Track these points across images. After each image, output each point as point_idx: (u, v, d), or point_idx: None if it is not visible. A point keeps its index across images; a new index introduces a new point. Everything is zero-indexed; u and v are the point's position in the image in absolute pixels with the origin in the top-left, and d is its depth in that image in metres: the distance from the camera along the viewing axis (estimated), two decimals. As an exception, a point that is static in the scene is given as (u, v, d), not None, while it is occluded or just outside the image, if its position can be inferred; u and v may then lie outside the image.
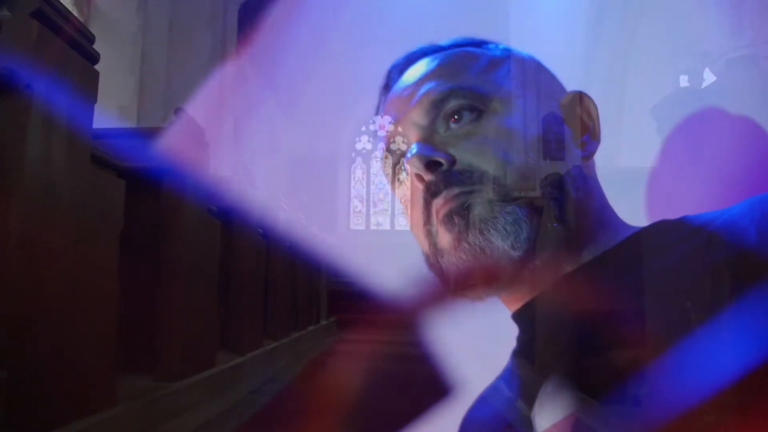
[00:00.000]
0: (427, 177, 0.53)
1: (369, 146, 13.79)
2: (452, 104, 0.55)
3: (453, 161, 0.53)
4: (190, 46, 8.64)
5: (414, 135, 0.56)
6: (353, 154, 13.96)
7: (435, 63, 0.59)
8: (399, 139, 0.59)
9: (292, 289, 4.73)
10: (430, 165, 0.53)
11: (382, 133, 0.62)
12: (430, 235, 0.55)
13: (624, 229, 0.55)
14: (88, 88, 1.70)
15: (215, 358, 2.79)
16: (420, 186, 0.54)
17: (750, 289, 0.41)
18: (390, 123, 0.61)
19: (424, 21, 10.85)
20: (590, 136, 0.58)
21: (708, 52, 9.34)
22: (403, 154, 0.57)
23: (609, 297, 0.48)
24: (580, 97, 0.59)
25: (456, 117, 0.55)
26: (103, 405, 1.69)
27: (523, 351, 0.56)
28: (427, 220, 0.55)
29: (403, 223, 14.11)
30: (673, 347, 0.41)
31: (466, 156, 0.53)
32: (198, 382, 2.46)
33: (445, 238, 0.53)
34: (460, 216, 0.52)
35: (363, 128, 13.75)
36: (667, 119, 3.59)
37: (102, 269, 1.79)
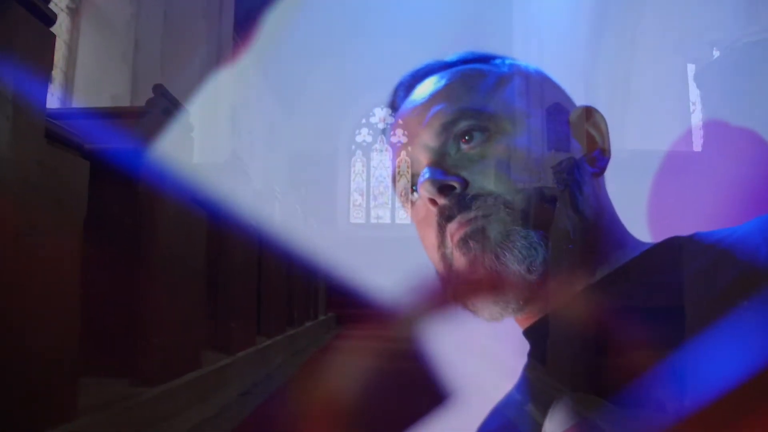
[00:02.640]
0: (441, 201, 0.54)
1: (369, 139, 13.62)
2: (462, 126, 0.55)
3: (466, 184, 0.53)
4: (184, 35, 8.44)
5: (425, 157, 0.56)
6: (353, 147, 13.81)
7: (443, 83, 0.59)
8: (409, 160, 0.59)
9: (287, 284, 4.51)
10: (443, 189, 0.54)
11: (381, 126, 0.67)
12: (444, 257, 0.55)
13: (635, 245, 0.55)
14: (41, 53, 1.48)
15: (201, 358, 2.57)
16: (433, 209, 0.55)
17: (761, 306, 0.41)
18: (391, 116, 0.62)
19: (424, 13, 10.67)
20: (600, 152, 0.57)
21: (716, 41, 9.15)
22: (414, 176, 0.58)
23: (621, 313, 0.48)
24: (589, 112, 0.58)
25: (467, 138, 0.55)
26: (60, 418, 1.48)
27: (536, 366, 0.56)
28: (442, 242, 0.55)
29: (403, 216, 13.95)
30: (684, 360, 0.42)
31: (479, 179, 0.53)
32: (180, 385, 2.24)
33: (460, 262, 0.54)
34: (475, 240, 0.52)
35: (363, 120, 13.59)
36: (710, 86, 3.43)
37: (61, 261, 1.57)
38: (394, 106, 0.63)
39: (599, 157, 0.57)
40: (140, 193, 2.14)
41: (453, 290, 0.55)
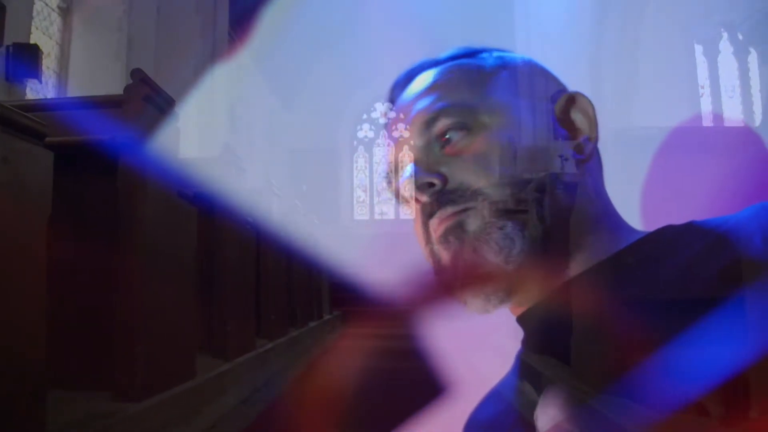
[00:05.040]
0: (422, 198, 0.55)
1: (371, 134, 13.45)
2: (441, 124, 0.55)
3: (445, 180, 0.54)
4: (179, 31, 8.28)
5: (412, 155, 0.58)
6: (355, 143, 13.64)
7: (429, 81, 0.59)
8: (395, 160, 0.61)
9: (288, 283, 4.32)
10: (423, 187, 0.55)
11: (383, 121, 0.63)
12: (433, 253, 0.57)
13: (630, 233, 0.55)
14: (-11, 26, 1.28)
15: (195, 366, 2.38)
16: (418, 207, 0.57)
17: (754, 293, 0.42)
18: (391, 110, 0.63)
19: (424, 2, 10.46)
20: (588, 137, 0.56)
21: (725, 21, 8.94)
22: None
23: (614, 301, 0.48)
24: (572, 98, 0.57)
25: (447, 136, 0.55)
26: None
27: (528, 352, 0.56)
28: (428, 239, 0.57)
29: (407, 212, 13.75)
30: (676, 347, 0.41)
31: (457, 174, 0.54)
32: (170, 398, 2.05)
33: (444, 256, 0.55)
34: (454, 235, 0.54)
35: (364, 116, 13.40)
36: (761, 42, 3.28)
37: (21, 262, 1.38)
38: (391, 104, 0.64)
39: (586, 143, 0.56)
40: (120, 186, 1.95)
41: (443, 284, 0.56)
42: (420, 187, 0.55)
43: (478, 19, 8.96)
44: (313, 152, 12.52)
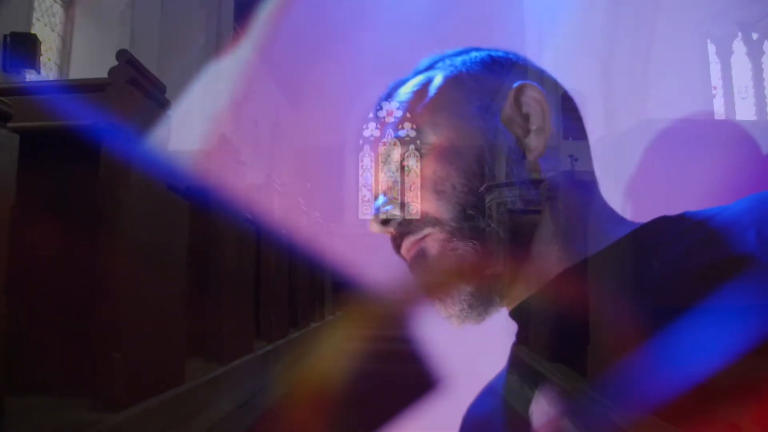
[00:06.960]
0: (389, 231, 0.60)
1: (377, 133, 13.29)
2: (397, 153, 0.59)
3: (407, 210, 0.58)
4: (182, 26, 8.16)
5: (383, 187, 0.62)
6: (360, 142, 13.50)
7: (392, 107, 0.63)
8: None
9: (290, 283, 4.17)
10: (386, 222, 0.61)
11: (390, 120, 0.64)
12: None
13: (623, 225, 0.54)
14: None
15: (183, 371, 2.22)
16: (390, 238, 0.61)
17: (745, 287, 0.40)
18: (397, 108, 0.65)
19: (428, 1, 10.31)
20: (541, 128, 0.55)
21: (740, 20, 8.76)
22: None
23: (605, 291, 0.47)
24: (522, 89, 0.56)
25: (404, 166, 0.59)
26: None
27: (522, 345, 0.57)
28: (408, 265, 0.61)
29: (413, 211, 13.67)
30: (666, 340, 0.40)
31: (415, 202, 0.58)
32: (156, 406, 1.89)
33: (417, 280, 0.60)
34: (418, 264, 0.58)
35: (370, 114, 13.25)
36: None
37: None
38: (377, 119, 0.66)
39: (539, 135, 0.54)
40: (102, 176, 1.79)
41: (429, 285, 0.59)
42: (383, 221, 0.57)
43: (488, 15, 8.81)
44: (317, 150, 12.41)
